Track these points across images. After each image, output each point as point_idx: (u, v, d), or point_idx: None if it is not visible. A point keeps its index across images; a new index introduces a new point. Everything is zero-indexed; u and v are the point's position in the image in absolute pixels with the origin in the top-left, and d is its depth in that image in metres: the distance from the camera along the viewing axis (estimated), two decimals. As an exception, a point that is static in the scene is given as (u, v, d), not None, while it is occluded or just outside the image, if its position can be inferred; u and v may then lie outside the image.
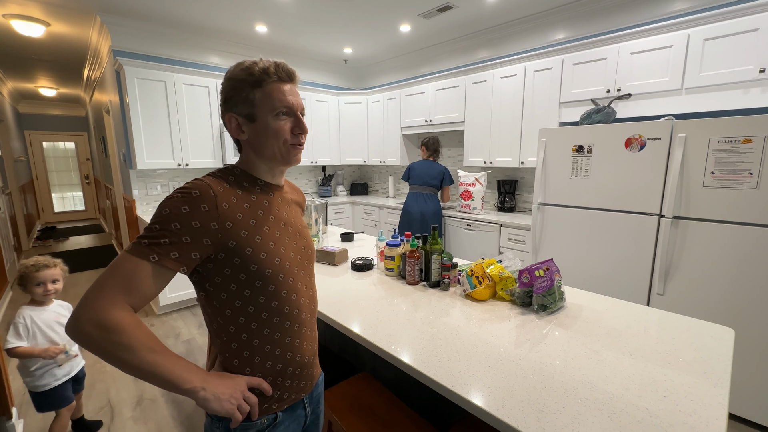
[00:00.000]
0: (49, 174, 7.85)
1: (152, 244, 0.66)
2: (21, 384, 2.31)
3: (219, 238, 0.71)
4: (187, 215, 0.68)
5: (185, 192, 0.69)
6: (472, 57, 3.72)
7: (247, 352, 0.78)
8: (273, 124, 0.77)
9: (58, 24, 3.35)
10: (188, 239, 0.68)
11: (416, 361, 0.98)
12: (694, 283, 1.97)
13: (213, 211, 0.70)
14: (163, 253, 0.66)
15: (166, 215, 0.67)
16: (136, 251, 0.66)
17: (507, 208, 3.40)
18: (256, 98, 0.76)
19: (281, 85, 0.77)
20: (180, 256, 0.68)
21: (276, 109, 0.77)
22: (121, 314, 0.63)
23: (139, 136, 3.16)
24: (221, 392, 0.70)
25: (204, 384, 0.69)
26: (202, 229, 0.69)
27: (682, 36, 2.20)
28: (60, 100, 7.38)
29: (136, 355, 0.63)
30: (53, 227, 7.11)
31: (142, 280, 0.65)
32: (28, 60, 4.59)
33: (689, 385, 0.86)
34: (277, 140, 0.78)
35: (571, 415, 0.77)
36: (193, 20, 3.26)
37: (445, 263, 1.49)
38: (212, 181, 0.74)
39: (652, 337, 1.10)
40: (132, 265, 0.65)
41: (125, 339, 0.62)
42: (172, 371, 0.66)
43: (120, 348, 0.62)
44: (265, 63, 0.77)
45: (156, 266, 0.66)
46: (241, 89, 0.77)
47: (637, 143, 2.09)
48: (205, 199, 0.70)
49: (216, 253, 0.72)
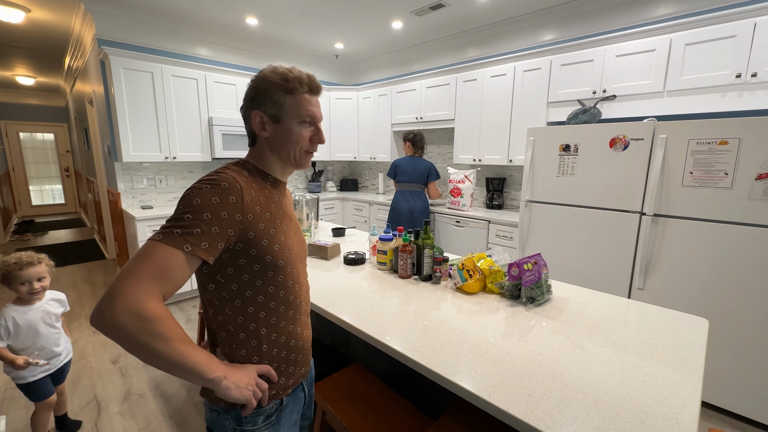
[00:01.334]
0: (26, 166, 7.59)
1: (186, 233, 0.67)
2: (4, 380, 2.26)
3: (241, 229, 0.73)
4: (218, 206, 0.69)
5: (214, 183, 0.71)
6: (463, 55, 3.76)
7: (255, 341, 0.80)
8: (296, 130, 0.82)
9: (39, 10, 3.24)
10: (217, 230, 0.69)
11: (411, 350, 1.01)
12: (672, 278, 2.06)
13: (239, 203, 0.72)
14: (196, 243, 0.67)
15: (198, 205, 0.68)
16: (170, 240, 0.66)
17: (495, 205, 3.47)
18: (285, 103, 0.80)
19: (310, 97, 0.83)
20: (210, 246, 0.69)
21: (302, 117, 0.82)
22: (157, 305, 0.63)
23: (125, 127, 3.10)
24: (239, 380, 0.72)
25: (226, 374, 0.70)
26: (229, 220, 0.71)
27: (665, 40, 2.28)
28: (38, 90, 7.12)
29: (169, 345, 0.63)
30: (31, 221, 6.89)
31: (176, 269, 0.66)
32: (6, 47, 4.42)
33: (667, 371, 0.91)
34: (296, 145, 0.83)
35: (557, 399, 0.81)
36: (181, 10, 3.20)
37: (437, 257, 1.53)
38: (235, 173, 0.76)
39: (633, 327, 1.15)
40: (167, 254, 0.65)
41: (161, 329, 0.62)
42: (200, 362, 0.66)
43: (156, 338, 0.62)
44: (298, 73, 0.81)
45: (188, 256, 0.67)
46: (274, 91, 0.80)
47: (621, 143, 2.17)
48: (233, 191, 0.72)
49: (235, 243, 0.74)
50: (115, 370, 2.37)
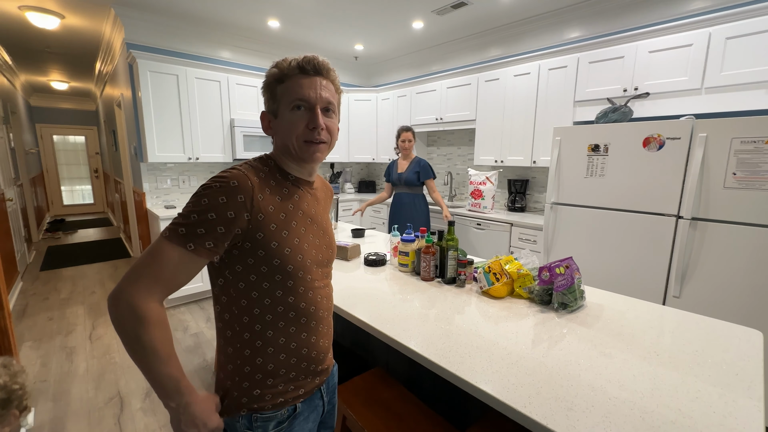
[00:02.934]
0: (59, 167, 7.92)
1: (189, 233, 0.66)
2: (33, 373, 2.33)
3: (249, 229, 0.71)
4: (224, 205, 0.67)
5: (224, 182, 0.69)
6: (486, 55, 3.69)
7: (260, 343, 0.76)
8: (288, 118, 0.76)
9: (73, 16, 3.36)
10: (222, 229, 0.68)
11: (437, 356, 0.97)
12: (712, 286, 1.93)
13: (248, 202, 0.70)
14: (199, 242, 0.67)
15: (204, 204, 0.67)
16: (175, 238, 0.66)
17: (517, 207, 3.37)
18: (278, 93, 0.76)
19: (301, 78, 0.75)
20: (214, 246, 0.68)
21: (292, 102, 0.75)
22: (152, 306, 0.65)
23: (150, 129, 3.17)
24: (191, 419, 0.70)
25: (179, 407, 0.69)
26: (236, 219, 0.69)
27: (703, 34, 2.16)
28: (71, 94, 7.44)
29: (145, 353, 0.65)
30: (62, 220, 7.18)
31: (178, 267, 0.67)
32: (41, 53, 4.62)
33: (721, 387, 0.83)
34: (291, 135, 0.76)
35: (601, 415, 0.75)
36: (206, 14, 3.26)
37: (462, 259, 1.47)
38: (249, 170, 0.73)
39: (678, 338, 1.07)
40: (171, 252, 0.66)
41: (144, 334, 0.64)
42: (162, 382, 0.67)
43: (136, 339, 0.64)
44: (292, 58, 0.76)
45: (192, 254, 0.67)
46: (271, 86, 0.77)
47: (655, 143, 2.06)
48: (242, 189, 0.69)
49: (243, 242, 0.71)
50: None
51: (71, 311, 3.23)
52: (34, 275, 4.16)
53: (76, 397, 2.09)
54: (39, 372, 2.34)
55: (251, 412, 0.77)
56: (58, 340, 2.74)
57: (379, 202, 3.22)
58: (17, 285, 3.70)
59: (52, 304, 3.38)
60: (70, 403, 2.05)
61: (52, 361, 2.45)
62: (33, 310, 3.25)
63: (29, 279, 4.04)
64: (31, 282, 3.95)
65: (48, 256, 4.91)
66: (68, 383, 2.22)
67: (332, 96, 0.79)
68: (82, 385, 2.21)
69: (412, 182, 2.94)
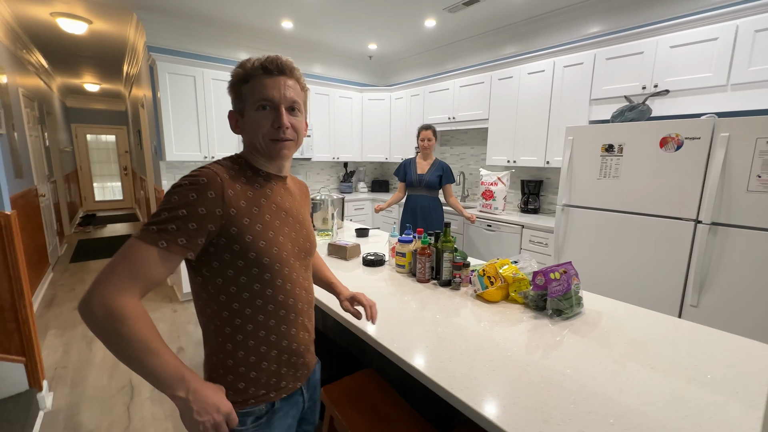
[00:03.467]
0: (91, 165, 8.35)
1: (161, 230, 0.67)
2: (55, 359, 2.46)
3: (223, 224, 0.72)
4: (194, 202, 0.68)
5: (193, 179, 0.70)
6: (499, 53, 3.61)
7: (241, 337, 0.77)
8: (253, 117, 0.78)
9: (99, 21, 3.53)
10: (194, 225, 0.68)
11: (418, 360, 0.95)
12: (733, 295, 1.81)
13: (219, 198, 0.71)
14: (171, 239, 0.67)
15: (175, 202, 0.68)
16: (146, 237, 0.66)
17: (531, 209, 3.28)
18: (243, 93, 0.78)
19: (266, 78, 0.76)
20: (187, 242, 0.69)
21: (256, 102, 0.77)
22: (127, 302, 0.64)
23: (168, 128, 3.29)
24: (202, 407, 0.68)
25: (190, 394, 0.67)
26: (207, 216, 0.69)
27: (729, 27, 2.03)
28: (102, 95, 7.82)
29: (131, 348, 0.63)
30: (93, 215, 7.56)
31: (151, 265, 0.66)
32: (74, 57, 4.88)
33: (717, 405, 0.78)
34: (257, 134, 0.78)
35: (577, 429, 0.71)
36: (222, 16, 3.35)
37: (457, 262, 1.45)
38: (219, 168, 0.75)
39: (679, 350, 1.01)
40: (142, 251, 0.66)
41: (125, 329, 0.63)
42: (163, 372, 0.65)
43: (119, 337, 0.63)
44: (255, 58, 0.78)
45: (164, 252, 0.67)
46: (236, 86, 0.79)
47: (673, 143, 1.95)
48: (212, 186, 0.70)
49: (218, 238, 0.72)
50: (150, 357, 2.49)
51: (94, 302, 3.39)
52: (64, 267, 4.40)
53: (92, 384, 2.20)
54: (60, 359, 2.47)
55: (234, 407, 0.77)
56: (80, 329, 2.89)
57: (395, 203, 3.14)
58: (48, 276, 3.93)
59: (78, 294, 3.57)
60: (85, 389, 2.15)
61: (73, 349, 2.59)
62: (60, 300, 3.44)
63: (59, 270, 4.29)
64: (61, 273, 4.18)
65: (78, 249, 5.19)
66: (85, 371, 2.34)
67: (297, 95, 0.80)
68: (97, 373, 2.32)
69: (434, 185, 2.83)
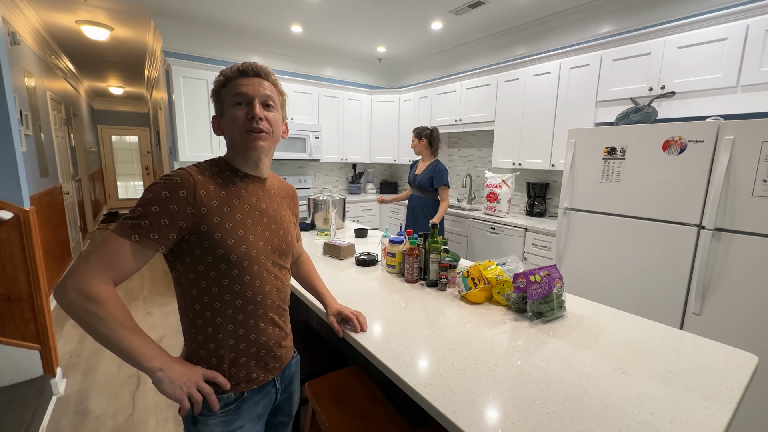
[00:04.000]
0: (115, 164, 8.72)
1: (134, 225, 0.72)
2: (70, 348, 2.60)
3: (193, 222, 0.76)
4: (167, 200, 0.73)
5: (168, 179, 0.76)
6: (506, 54, 3.59)
7: (211, 329, 0.82)
8: (231, 113, 0.83)
9: (120, 28, 3.71)
10: (166, 221, 0.73)
11: (387, 356, 0.97)
12: (737, 303, 1.75)
13: (191, 197, 0.76)
14: (144, 233, 0.72)
15: (149, 199, 0.73)
16: (120, 231, 0.72)
17: (536, 212, 3.24)
18: (222, 95, 0.84)
19: (242, 79, 0.83)
20: (159, 237, 0.73)
21: (233, 100, 0.82)
22: (102, 287, 0.69)
23: (182, 130, 3.42)
24: (176, 377, 0.74)
25: (163, 366, 0.73)
26: (179, 213, 0.74)
27: (739, 27, 1.96)
28: (127, 98, 8.16)
29: (107, 327, 0.69)
30: (116, 212, 7.89)
31: (123, 256, 0.72)
32: (99, 61, 5.13)
33: (681, 410, 0.77)
34: (234, 128, 0.83)
35: (531, 428, 0.72)
36: (233, 22, 3.46)
37: (444, 263, 1.46)
38: (194, 170, 0.80)
39: (653, 355, 0.99)
40: (116, 244, 0.71)
41: (101, 311, 0.68)
42: (137, 348, 0.71)
43: (95, 318, 0.68)
44: (237, 65, 0.83)
45: (137, 245, 0.72)
46: (216, 91, 0.85)
47: (676, 146, 1.90)
48: (184, 185, 0.75)
49: (190, 234, 0.77)
50: (158, 349, 2.60)
51: (110, 295, 3.56)
52: (85, 261, 4.62)
53: (102, 373, 2.32)
54: (75, 348, 2.61)
55: None
56: (95, 320, 3.03)
57: (400, 200, 3.28)
58: (69, 269, 4.13)
59: (96, 288, 3.75)
60: (96, 377, 2.27)
61: (87, 339, 2.73)
62: (79, 293, 3.62)
63: (81, 264, 4.50)
64: (82, 267, 4.39)
65: (99, 244, 5.43)
66: (97, 359, 2.46)
67: (272, 93, 0.85)
68: (108, 362, 2.44)
69: (425, 187, 2.84)
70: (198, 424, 0.83)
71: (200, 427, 0.83)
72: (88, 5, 3.13)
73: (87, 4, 3.10)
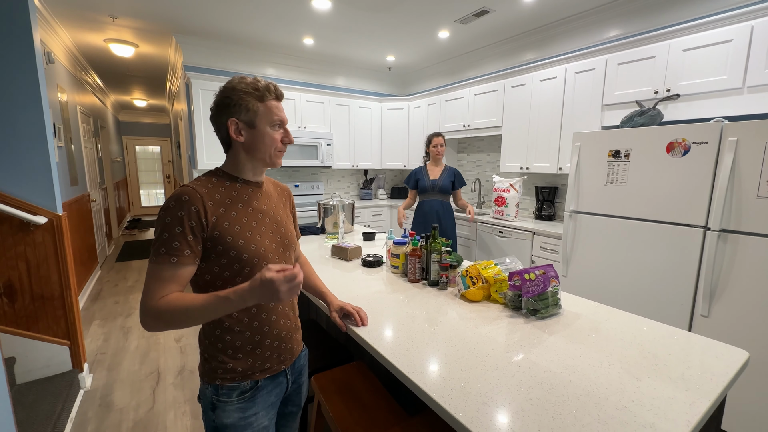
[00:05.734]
0: (139, 173, 9.11)
1: (169, 250, 0.81)
2: (97, 346, 2.76)
3: (209, 230, 0.85)
4: (183, 218, 0.82)
5: (177, 199, 0.84)
6: (513, 60, 3.63)
7: (227, 323, 0.91)
8: (270, 133, 0.93)
9: (145, 45, 3.94)
10: (190, 237, 0.83)
11: (384, 347, 1.04)
12: (746, 306, 1.73)
13: (201, 210, 0.84)
14: (179, 254, 0.82)
15: (169, 223, 0.82)
16: (159, 259, 0.81)
17: (545, 216, 3.25)
18: (258, 109, 0.91)
19: (277, 103, 0.94)
20: (191, 252, 0.83)
21: (273, 122, 0.93)
22: (159, 303, 0.80)
23: (200, 139, 3.60)
24: (258, 286, 0.76)
25: (245, 294, 0.77)
26: (197, 226, 0.84)
27: (744, 28, 1.97)
28: (150, 110, 8.55)
29: (189, 315, 0.79)
30: (139, 219, 8.23)
31: (171, 277, 0.82)
32: (124, 76, 5.43)
33: (661, 400, 0.81)
34: (271, 147, 0.94)
35: (513, 411, 0.77)
36: (249, 36, 3.64)
37: (444, 263, 1.51)
38: (197, 184, 0.88)
39: (644, 349, 1.02)
40: (159, 271, 0.81)
41: (168, 315, 0.79)
42: (214, 307, 0.79)
43: (172, 321, 0.80)
44: (265, 82, 0.93)
45: (177, 265, 0.82)
46: (247, 100, 0.90)
47: (680, 148, 1.91)
48: (193, 201, 0.84)
49: (205, 241, 0.86)
50: (177, 348, 2.73)
51: (133, 297, 3.74)
52: (110, 265, 4.86)
53: (125, 369, 2.45)
54: (101, 345, 2.76)
55: (222, 382, 0.91)
56: (119, 320, 3.20)
57: (408, 208, 3.19)
58: (96, 273, 4.36)
59: (120, 290, 3.94)
60: (119, 373, 2.40)
61: (112, 338, 2.88)
62: (105, 294, 3.82)
63: (106, 268, 4.74)
64: (107, 271, 4.62)
65: (123, 249, 5.69)
66: (121, 357, 2.60)
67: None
68: (131, 359, 2.58)
69: (447, 190, 2.91)
70: (217, 410, 0.91)
71: (219, 413, 0.91)
72: (115, 25, 3.36)
73: (115, 24, 3.33)
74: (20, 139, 1.95)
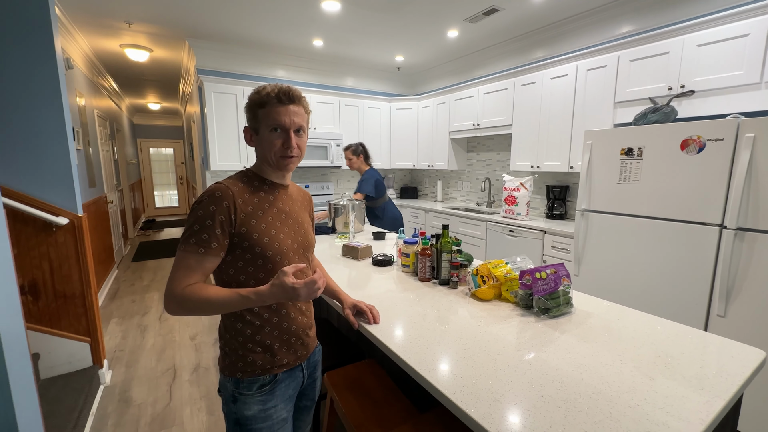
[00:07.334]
0: (153, 175, 9.30)
1: (198, 241, 0.86)
2: (115, 343, 2.83)
3: (236, 225, 0.90)
4: (215, 212, 0.87)
5: (211, 194, 0.89)
6: (523, 58, 3.61)
7: (249, 318, 0.94)
8: (268, 137, 0.95)
9: (159, 50, 4.03)
10: (219, 231, 0.87)
11: (396, 345, 1.05)
12: (764, 305, 1.70)
13: (232, 206, 0.89)
14: (206, 245, 0.86)
15: (201, 216, 0.87)
16: (188, 248, 0.86)
17: (556, 215, 3.22)
18: (260, 115, 0.95)
19: (278, 107, 0.93)
20: (218, 245, 0.88)
21: (270, 126, 0.94)
22: (185, 289, 0.85)
23: (213, 141, 3.66)
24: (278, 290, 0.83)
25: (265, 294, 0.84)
26: (226, 221, 0.88)
27: (761, 22, 1.93)
28: (163, 113, 8.72)
29: (211, 304, 0.84)
30: (153, 220, 8.41)
31: (197, 266, 0.87)
32: (139, 80, 5.56)
33: (674, 398, 0.80)
34: (270, 151, 0.95)
35: (525, 408, 0.78)
36: (260, 39, 3.69)
37: (455, 262, 1.52)
38: (230, 182, 0.94)
39: (657, 348, 1.02)
40: (187, 259, 0.86)
41: (191, 304, 0.84)
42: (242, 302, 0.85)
43: (192, 310, 0.85)
44: (271, 88, 0.95)
45: (204, 255, 0.87)
46: (253, 108, 0.96)
47: (695, 145, 1.88)
48: (225, 197, 0.89)
49: (232, 237, 0.90)
50: (192, 346, 2.79)
51: (149, 296, 3.83)
52: (126, 265, 4.98)
53: (142, 366, 2.52)
54: (119, 343, 2.84)
55: (242, 375, 0.94)
56: (136, 318, 3.29)
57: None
58: (113, 272, 4.48)
59: (136, 289, 4.04)
60: (137, 369, 2.47)
61: (130, 335, 2.96)
62: (122, 293, 3.92)
63: (123, 268, 4.86)
64: (124, 270, 4.74)
65: (139, 249, 5.82)
66: (138, 354, 2.67)
67: (302, 119, 0.97)
68: (148, 356, 2.64)
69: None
70: (238, 402, 0.95)
71: (240, 405, 0.94)
72: (131, 30, 3.45)
73: (130, 29, 3.41)
74: (43, 144, 2.02)
